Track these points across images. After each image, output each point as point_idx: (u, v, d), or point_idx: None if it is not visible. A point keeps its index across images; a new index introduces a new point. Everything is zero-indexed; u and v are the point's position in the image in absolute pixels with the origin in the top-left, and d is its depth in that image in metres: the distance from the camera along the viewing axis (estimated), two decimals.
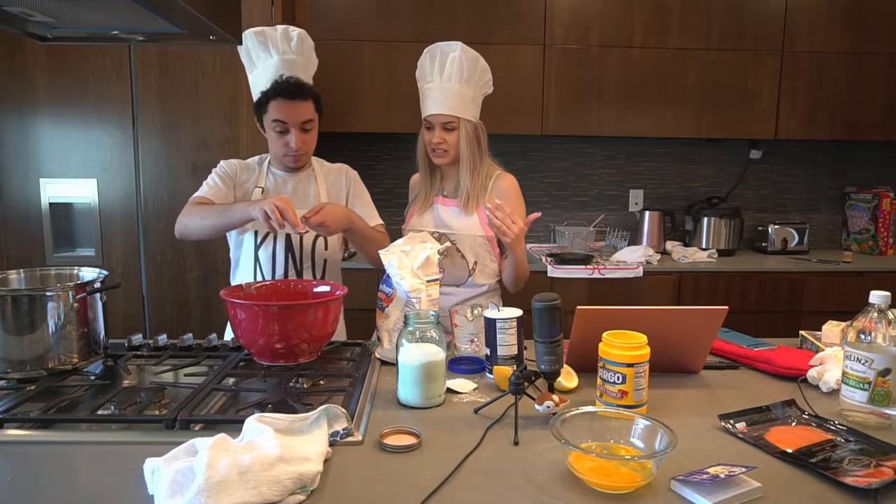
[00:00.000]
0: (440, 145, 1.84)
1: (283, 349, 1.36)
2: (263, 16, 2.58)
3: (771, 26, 3.09)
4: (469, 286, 1.87)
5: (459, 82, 1.82)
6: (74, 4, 1.10)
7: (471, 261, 1.86)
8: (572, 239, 3.15)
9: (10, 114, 2.57)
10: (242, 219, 1.62)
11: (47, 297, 1.31)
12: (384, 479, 0.95)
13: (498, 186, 1.88)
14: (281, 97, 1.72)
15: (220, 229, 1.68)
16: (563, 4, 3.03)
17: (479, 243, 1.86)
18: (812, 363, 1.38)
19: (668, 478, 0.93)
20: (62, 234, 2.64)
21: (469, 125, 1.84)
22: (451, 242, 1.85)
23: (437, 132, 1.83)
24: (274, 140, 1.78)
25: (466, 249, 1.86)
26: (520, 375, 1.13)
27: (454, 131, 1.83)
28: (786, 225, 3.34)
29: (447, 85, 1.82)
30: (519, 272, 1.81)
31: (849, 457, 1.00)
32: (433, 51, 1.85)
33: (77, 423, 1.12)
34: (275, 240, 1.80)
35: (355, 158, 3.41)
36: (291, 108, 1.73)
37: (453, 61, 1.81)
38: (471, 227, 1.85)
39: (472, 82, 1.84)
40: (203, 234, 1.69)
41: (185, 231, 1.70)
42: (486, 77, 1.89)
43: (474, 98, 1.86)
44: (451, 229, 1.86)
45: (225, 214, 1.64)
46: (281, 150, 1.78)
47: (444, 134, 1.83)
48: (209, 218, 1.65)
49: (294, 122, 1.74)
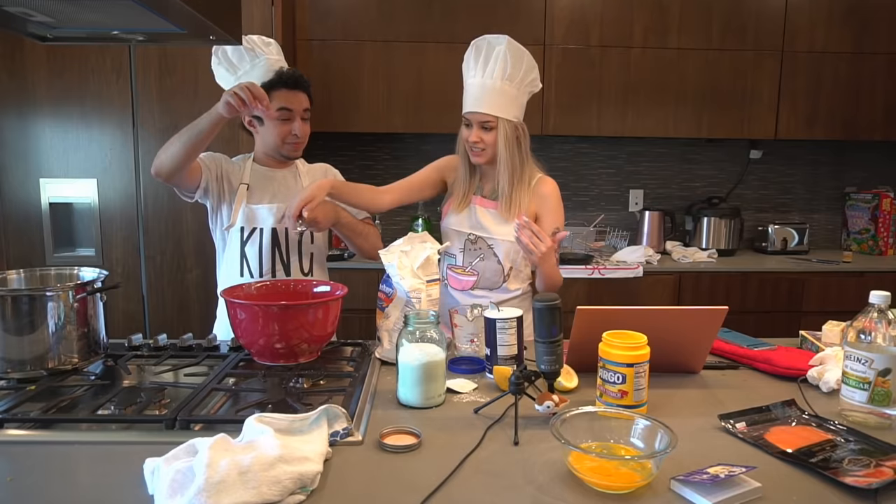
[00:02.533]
0: (477, 144, 1.76)
1: (283, 349, 1.36)
2: (263, 16, 2.58)
3: (771, 26, 3.09)
4: (502, 291, 1.83)
5: (502, 79, 1.72)
6: (74, 4, 1.10)
7: (506, 266, 1.81)
8: (572, 239, 3.15)
9: (10, 114, 2.57)
10: (211, 122, 1.58)
11: (47, 297, 1.31)
12: (384, 479, 0.95)
13: (539, 191, 1.82)
14: (286, 87, 1.77)
15: (193, 146, 1.62)
16: (562, 4, 3.03)
17: (516, 249, 1.79)
18: (812, 363, 1.38)
19: (668, 478, 0.93)
20: (62, 234, 2.64)
21: (509, 125, 1.75)
22: (489, 247, 1.81)
23: (475, 131, 1.75)
24: (276, 128, 1.79)
25: (503, 255, 1.80)
26: (520, 375, 1.13)
27: (492, 131, 1.75)
28: (786, 225, 3.34)
29: (488, 81, 1.73)
30: (549, 284, 1.72)
31: (849, 457, 1.00)
32: (479, 44, 1.76)
33: (77, 423, 1.11)
34: (261, 235, 1.80)
35: (355, 158, 3.42)
36: (295, 97, 1.79)
37: (497, 56, 1.72)
38: (509, 232, 1.76)
39: (515, 80, 1.74)
40: (176, 160, 1.62)
41: (158, 164, 1.65)
42: (533, 75, 1.79)
43: (517, 97, 1.77)
44: (488, 233, 1.80)
45: (194, 126, 1.60)
46: (284, 136, 1.80)
47: (482, 133, 1.75)
48: (178, 137, 1.62)
49: (298, 110, 1.80)
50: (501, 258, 1.81)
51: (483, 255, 1.82)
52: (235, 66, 1.81)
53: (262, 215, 1.81)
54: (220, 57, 1.81)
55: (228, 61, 1.80)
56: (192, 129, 1.61)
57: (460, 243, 1.84)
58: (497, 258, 1.81)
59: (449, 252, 1.86)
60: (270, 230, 1.81)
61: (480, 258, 1.82)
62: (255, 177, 1.85)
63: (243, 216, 1.80)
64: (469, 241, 1.83)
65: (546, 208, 1.82)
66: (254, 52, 1.79)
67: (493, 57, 1.73)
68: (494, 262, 1.82)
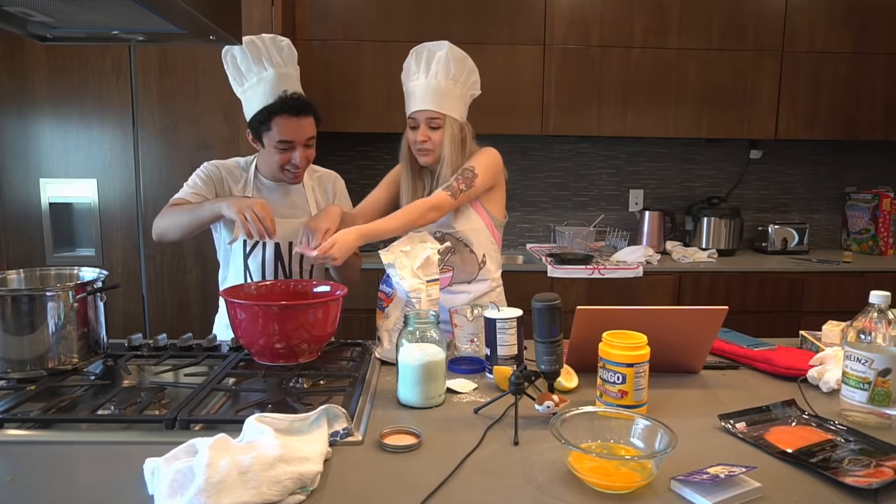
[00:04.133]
0: (424, 143, 1.78)
1: (283, 349, 1.36)
2: (263, 16, 2.58)
3: (771, 26, 3.10)
4: (480, 280, 1.86)
5: (446, 79, 1.76)
6: (74, 4, 1.10)
7: (479, 254, 1.85)
8: (572, 239, 3.15)
9: (10, 114, 2.57)
10: (213, 215, 1.61)
11: (47, 297, 1.31)
12: (384, 479, 0.95)
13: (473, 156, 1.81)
14: (287, 114, 1.69)
15: (192, 228, 1.65)
16: (562, 4, 3.03)
17: (483, 235, 1.84)
18: (812, 363, 1.38)
19: (668, 478, 0.93)
20: (62, 234, 2.64)
21: (455, 124, 1.79)
22: (458, 240, 1.83)
23: (422, 129, 1.78)
24: (274, 155, 1.72)
25: (474, 244, 1.84)
26: (520, 375, 1.13)
27: (439, 130, 1.78)
28: (786, 225, 3.34)
29: (433, 81, 1.77)
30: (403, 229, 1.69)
31: (849, 457, 1.00)
32: (419, 50, 1.81)
33: (77, 423, 1.11)
34: (263, 249, 1.79)
35: (355, 158, 3.42)
36: (297, 126, 1.71)
37: (440, 59, 1.76)
38: (470, 219, 1.83)
39: (459, 80, 1.79)
40: (176, 235, 1.67)
41: (159, 232, 1.69)
42: (474, 77, 1.83)
43: (461, 97, 1.81)
44: (453, 228, 1.84)
45: (194, 212, 1.62)
46: (282, 165, 1.74)
47: (429, 132, 1.78)
48: (181, 216, 1.64)
49: (300, 140, 1.73)
50: (474, 247, 1.84)
51: (454, 249, 1.84)
52: (243, 77, 1.72)
53: None
54: (228, 62, 1.73)
55: (236, 68, 1.72)
56: (192, 213, 1.63)
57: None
58: (469, 248, 1.84)
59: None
60: (273, 245, 1.79)
61: (452, 252, 1.84)
62: (258, 189, 1.82)
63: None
64: (437, 238, 1.81)
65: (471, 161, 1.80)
66: (261, 63, 1.69)
67: (436, 60, 1.77)
68: (467, 252, 1.84)
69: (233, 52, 1.71)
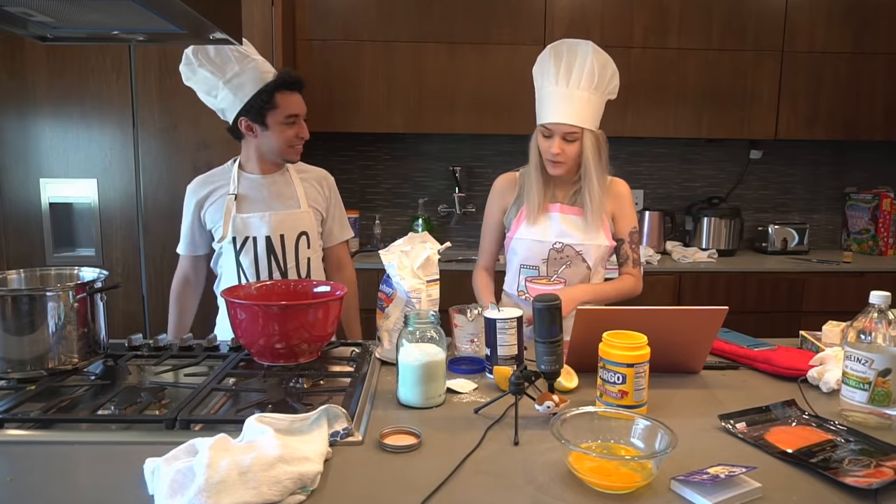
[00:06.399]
0: (559, 156, 1.70)
1: (283, 349, 1.36)
2: (263, 16, 2.58)
3: (771, 26, 3.09)
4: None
5: (589, 89, 1.66)
6: (74, 5, 1.10)
7: (593, 270, 1.80)
8: None
9: (10, 114, 2.57)
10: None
11: (47, 297, 1.31)
12: (384, 479, 0.95)
13: (614, 192, 1.81)
14: (290, 89, 1.77)
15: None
16: (563, 4, 3.03)
17: (604, 253, 1.80)
18: (812, 363, 1.38)
19: (668, 478, 0.93)
20: (62, 234, 2.64)
21: (592, 136, 1.71)
22: (577, 253, 1.77)
23: (557, 142, 1.69)
24: (283, 132, 1.78)
25: (593, 259, 1.78)
26: (520, 375, 1.13)
27: (575, 143, 1.69)
28: (786, 225, 3.34)
29: (574, 91, 1.65)
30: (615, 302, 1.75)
31: (849, 457, 1.00)
32: (559, 49, 1.70)
33: (77, 423, 1.11)
34: (255, 244, 1.80)
35: (355, 158, 3.42)
36: (299, 100, 1.81)
37: (582, 67, 1.65)
38: (598, 237, 1.77)
39: (600, 89, 1.69)
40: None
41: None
42: (615, 83, 1.74)
43: (599, 105, 1.72)
44: (577, 240, 1.77)
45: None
46: (292, 141, 1.80)
47: (564, 144, 1.69)
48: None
49: (303, 113, 1.81)
50: (592, 262, 1.78)
51: (570, 262, 1.78)
52: (221, 68, 1.72)
53: (254, 224, 1.79)
54: (200, 58, 1.71)
55: (212, 62, 1.71)
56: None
57: (543, 253, 1.79)
58: (586, 263, 1.78)
59: (526, 264, 1.82)
60: (265, 238, 1.80)
61: (567, 265, 1.78)
62: (245, 185, 1.83)
63: (233, 227, 1.79)
64: (554, 249, 1.78)
65: (622, 209, 1.82)
66: (240, 54, 1.71)
67: (578, 65, 1.67)
68: (583, 267, 1.79)
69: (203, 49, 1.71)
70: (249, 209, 1.81)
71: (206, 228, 1.86)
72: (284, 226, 1.81)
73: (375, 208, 3.45)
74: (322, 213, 1.92)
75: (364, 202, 3.44)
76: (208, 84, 1.76)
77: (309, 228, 1.85)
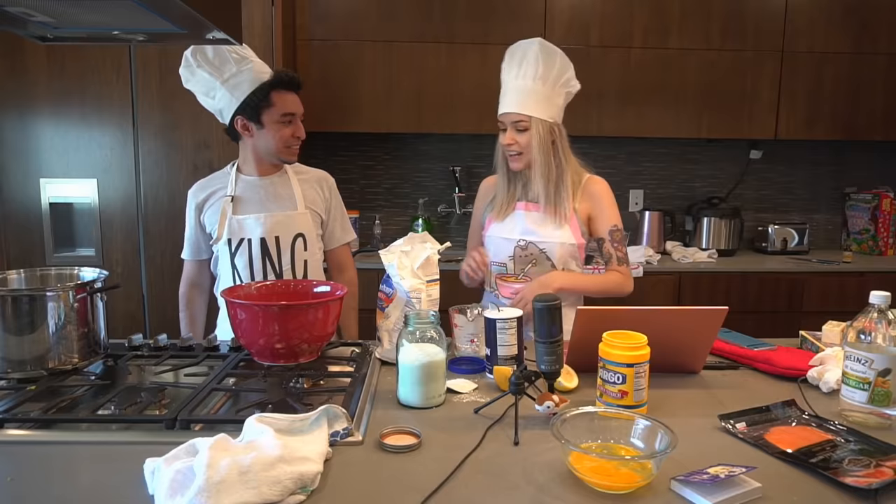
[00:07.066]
0: (510, 147, 1.74)
1: (284, 349, 1.36)
2: (264, 16, 2.58)
3: (771, 26, 3.09)
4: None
5: (534, 79, 1.70)
6: (74, 5, 1.10)
7: (560, 268, 1.79)
8: None
9: (10, 114, 2.57)
10: None
11: (47, 297, 1.31)
12: (384, 479, 0.95)
13: (589, 191, 1.81)
14: (287, 89, 1.78)
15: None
16: (563, 4, 3.03)
17: (569, 251, 1.79)
18: (812, 363, 1.38)
19: (668, 478, 0.93)
20: (62, 234, 2.64)
21: (542, 125, 1.73)
22: (541, 251, 1.78)
23: (509, 133, 1.74)
24: (279, 131, 1.78)
25: (556, 257, 1.78)
26: (520, 375, 1.13)
27: (526, 132, 1.73)
28: (786, 225, 3.34)
29: (520, 82, 1.71)
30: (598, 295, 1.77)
31: (849, 457, 1.00)
32: (513, 49, 1.75)
33: (77, 423, 1.11)
34: (249, 246, 1.80)
35: (355, 158, 3.42)
36: (295, 99, 1.81)
37: (528, 57, 1.71)
38: (562, 235, 1.77)
39: (548, 79, 1.72)
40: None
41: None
42: (567, 74, 1.76)
43: (551, 97, 1.74)
44: (540, 238, 1.78)
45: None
46: (288, 140, 1.80)
47: (516, 135, 1.73)
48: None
49: (299, 113, 1.82)
50: (555, 260, 1.79)
51: (535, 260, 1.79)
52: (219, 69, 1.74)
53: (249, 226, 1.80)
54: (199, 59, 1.72)
55: (210, 63, 1.73)
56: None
57: (509, 250, 1.80)
58: (551, 261, 1.79)
59: (495, 261, 1.83)
60: (259, 239, 1.79)
61: (533, 263, 1.79)
62: (242, 187, 1.84)
63: (229, 229, 1.79)
64: (519, 247, 1.79)
65: (599, 208, 1.81)
66: (238, 55, 1.73)
67: (525, 58, 1.71)
68: (548, 265, 1.79)
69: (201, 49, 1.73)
70: (245, 211, 1.81)
71: (206, 231, 1.86)
72: (280, 227, 1.81)
73: (375, 208, 3.45)
74: (321, 214, 1.91)
75: (364, 202, 3.44)
76: (207, 85, 1.77)
77: (306, 230, 1.85)
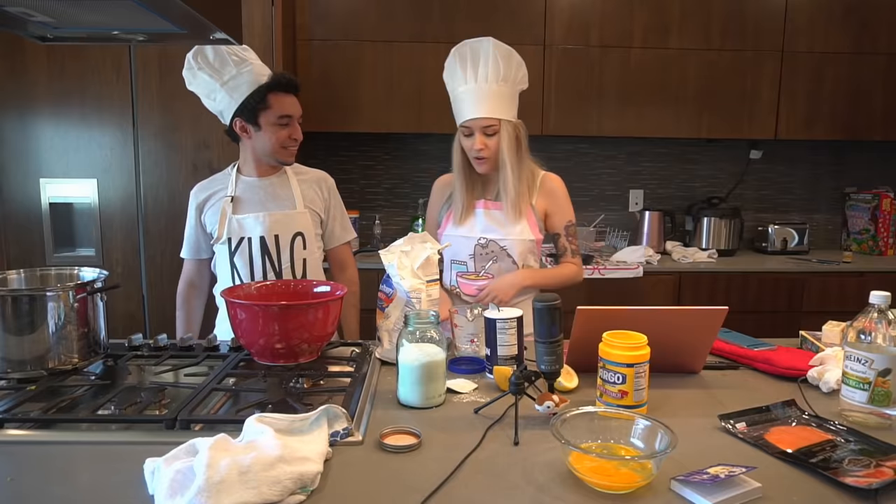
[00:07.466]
0: (482, 152, 1.72)
1: (284, 349, 1.36)
2: (264, 16, 2.58)
3: (771, 26, 3.09)
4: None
5: (497, 82, 1.69)
6: (74, 5, 1.10)
7: (520, 264, 1.80)
8: None
9: (10, 114, 2.57)
10: None
11: (47, 297, 1.31)
12: (384, 479, 0.95)
13: (546, 187, 1.84)
14: (285, 91, 1.78)
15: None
16: (563, 4, 3.03)
17: (528, 247, 1.81)
18: (812, 363, 1.38)
19: (668, 478, 0.93)
20: (62, 234, 2.64)
21: (510, 126, 1.73)
22: (501, 248, 1.79)
23: (479, 138, 1.72)
24: (275, 133, 1.78)
25: (517, 254, 1.80)
26: (520, 375, 1.13)
27: (495, 136, 1.72)
28: (786, 225, 3.34)
29: (483, 86, 1.69)
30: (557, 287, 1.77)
31: (849, 457, 1.00)
32: (462, 50, 1.73)
33: (77, 423, 1.11)
34: (249, 245, 1.80)
35: (355, 158, 3.42)
36: (293, 102, 1.81)
37: (487, 59, 1.68)
38: (522, 231, 1.79)
39: (508, 79, 1.71)
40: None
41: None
42: (523, 72, 1.76)
43: (512, 96, 1.74)
44: (500, 235, 1.79)
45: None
46: (283, 141, 1.80)
47: (486, 139, 1.72)
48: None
49: (296, 115, 1.82)
50: (516, 257, 1.80)
51: (496, 258, 1.80)
52: (219, 71, 1.75)
53: (248, 225, 1.80)
54: (200, 62, 1.74)
55: (210, 66, 1.74)
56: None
57: (469, 249, 1.81)
58: (511, 258, 1.80)
59: (455, 260, 1.84)
60: (259, 238, 1.80)
61: (493, 260, 1.80)
62: (242, 188, 1.85)
63: (229, 228, 1.80)
64: (479, 245, 1.80)
65: (556, 205, 1.84)
66: (238, 58, 1.74)
67: (483, 60, 1.70)
68: (509, 262, 1.80)
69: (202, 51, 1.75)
70: (245, 210, 1.82)
71: (206, 232, 1.87)
72: (279, 226, 1.81)
73: (375, 208, 3.45)
74: (320, 214, 1.92)
75: (364, 202, 3.44)
76: (208, 87, 1.79)
77: (305, 229, 1.85)
